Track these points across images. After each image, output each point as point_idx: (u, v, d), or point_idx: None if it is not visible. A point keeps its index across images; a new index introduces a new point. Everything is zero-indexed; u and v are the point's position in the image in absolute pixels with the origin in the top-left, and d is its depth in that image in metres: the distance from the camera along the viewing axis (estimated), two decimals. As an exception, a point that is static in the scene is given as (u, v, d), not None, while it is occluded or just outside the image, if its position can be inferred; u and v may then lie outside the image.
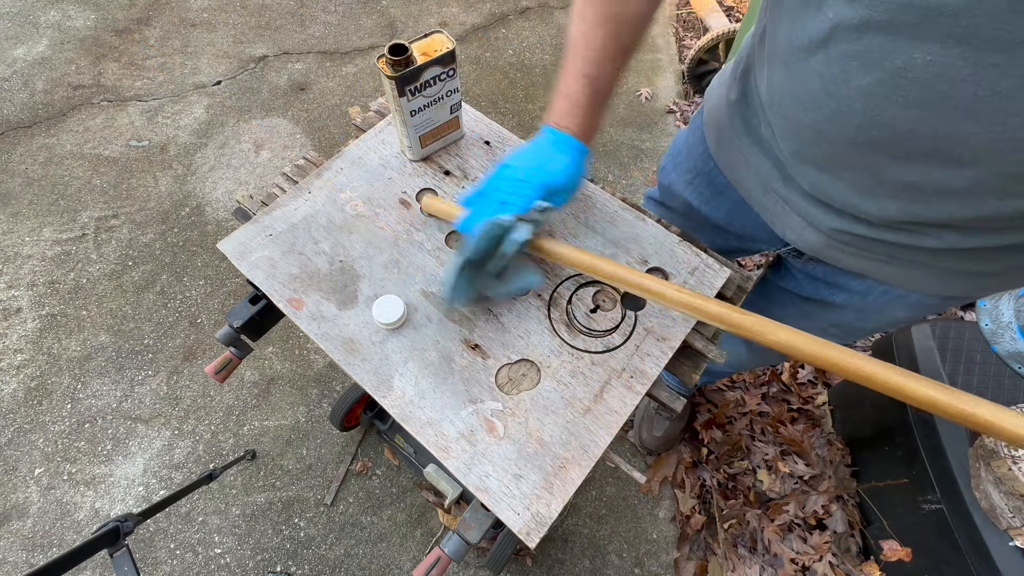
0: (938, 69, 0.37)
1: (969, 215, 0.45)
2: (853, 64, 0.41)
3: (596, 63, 0.58)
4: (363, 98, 2.06)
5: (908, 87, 0.39)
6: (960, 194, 0.43)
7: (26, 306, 1.57)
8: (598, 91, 0.59)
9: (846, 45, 0.41)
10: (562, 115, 0.60)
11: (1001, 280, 0.56)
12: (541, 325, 0.70)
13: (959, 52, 0.35)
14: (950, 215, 0.46)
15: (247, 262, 0.73)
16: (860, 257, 0.61)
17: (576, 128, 0.60)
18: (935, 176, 0.43)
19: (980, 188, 0.42)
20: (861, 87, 0.42)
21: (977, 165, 0.40)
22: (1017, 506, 0.86)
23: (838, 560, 1.22)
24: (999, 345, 0.76)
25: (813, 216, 0.59)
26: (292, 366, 1.50)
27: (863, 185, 0.49)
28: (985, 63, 0.35)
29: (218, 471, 1.15)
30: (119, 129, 1.93)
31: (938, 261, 0.55)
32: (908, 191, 0.46)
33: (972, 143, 0.39)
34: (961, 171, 0.41)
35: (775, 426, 1.42)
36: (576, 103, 0.59)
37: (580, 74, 0.58)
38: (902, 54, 0.38)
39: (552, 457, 0.61)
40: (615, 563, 1.29)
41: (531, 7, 2.37)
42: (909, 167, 0.44)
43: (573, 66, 0.59)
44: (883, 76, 0.40)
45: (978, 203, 0.43)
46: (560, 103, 0.60)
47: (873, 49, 0.39)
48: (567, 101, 0.60)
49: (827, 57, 0.43)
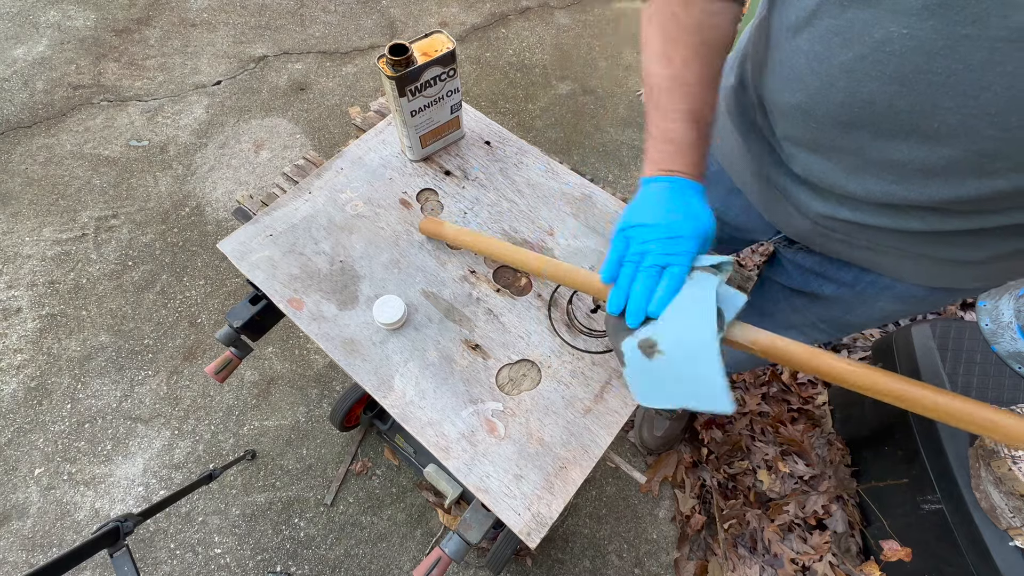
0: (914, 42, 0.37)
1: (949, 196, 0.45)
2: (836, 40, 0.42)
3: (695, 96, 0.53)
4: (363, 98, 2.06)
5: (886, 61, 0.40)
6: (939, 173, 0.43)
7: (26, 306, 1.57)
8: (701, 122, 0.54)
9: (830, 20, 0.42)
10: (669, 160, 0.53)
11: (985, 270, 0.56)
12: (541, 325, 0.70)
13: (932, 24, 0.36)
14: (930, 196, 0.46)
15: (247, 262, 0.73)
16: (846, 244, 0.62)
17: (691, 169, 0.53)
18: (915, 154, 0.43)
19: (958, 166, 0.42)
20: (843, 63, 0.42)
21: (954, 142, 0.40)
22: (1017, 506, 0.86)
23: (838, 560, 1.22)
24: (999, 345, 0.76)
25: (801, 202, 0.60)
26: (292, 366, 1.50)
27: (849, 165, 0.50)
28: (957, 35, 0.35)
29: (218, 471, 1.15)
30: (119, 129, 1.93)
31: (922, 247, 0.55)
32: (891, 170, 0.46)
33: (948, 119, 0.39)
34: (939, 149, 0.42)
35: (775, 426, 1.42)
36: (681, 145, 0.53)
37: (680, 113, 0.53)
38: (881, 28, 0.38)
39: (553, 457, 0.61)
40: (615, 563, 1.29)
41: (531, 7, 2.37)
42: (891, 145, 0.44)
43: (668, 108, 0.53)
44: (863, 51, 0.41)
45: (957, 183, 0.43)
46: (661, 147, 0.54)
47: (855, 23, 0.40)
48: (671, 145, 0.53)
49: (812, 34, 0.44)
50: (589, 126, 2.02)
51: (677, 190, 0.52)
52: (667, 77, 0.53)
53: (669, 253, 0.48)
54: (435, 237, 0.74)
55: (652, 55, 0.55)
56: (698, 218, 0.50)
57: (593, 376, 0.66)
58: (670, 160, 0.53)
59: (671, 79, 0.53)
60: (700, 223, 0.50)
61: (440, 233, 0.73)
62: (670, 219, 0.49)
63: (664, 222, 0.49)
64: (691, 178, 0.52)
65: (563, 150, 1.95)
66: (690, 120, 0.52)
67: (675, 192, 0.51)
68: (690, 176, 0.52)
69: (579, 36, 2.27)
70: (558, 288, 0.72)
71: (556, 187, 0.81)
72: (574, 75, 2.15)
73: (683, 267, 0.48)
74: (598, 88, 2.11)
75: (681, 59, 0.53)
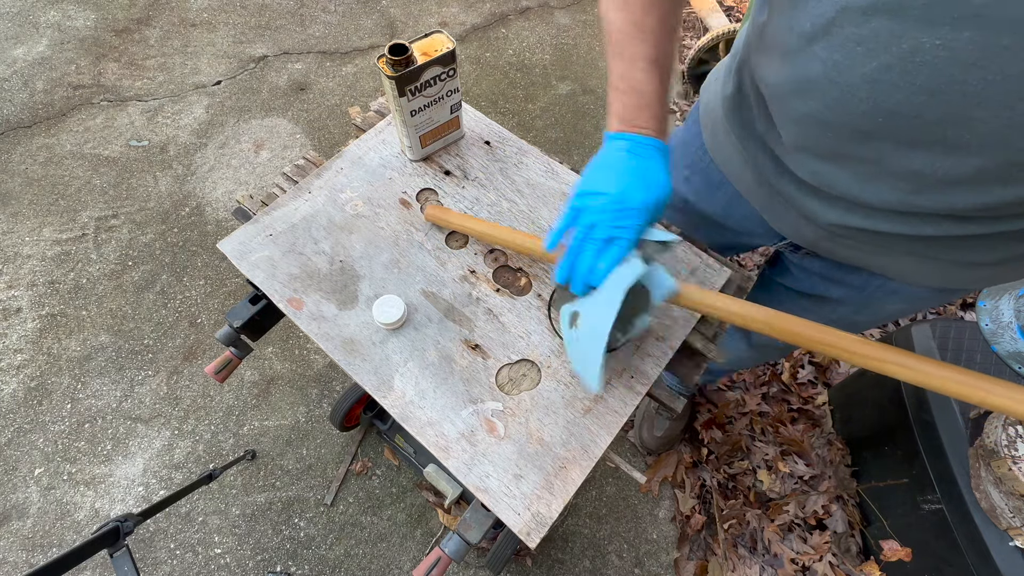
0: (948, 53, 0.36)
1: (971, 204, 0.44)
2: (858, 50, 0.40)
3: (657, 44, 0.52)
4: (363, 98, 2.06)
5: (916, 72, 0.38)
6: (964, 182, 0.43)
7: (26, 306, 1.57)
8: (664, 71, 0.53)
9: (851, 29, 0.40)
10: (633, 113, 0.52)
11: (995, 271, 0.56)
12: (541, 325, 0.70)
13: (969, 35, 0.35)
14: (951, 204, 0.45)
15: (247, 262, 0.73)
16: (856, 249, 0.61)
17: (654, 124, 0.52)
18: (939, 164, 0.42)
19: (985, 176, 0.41)
20: (866, 73, 0.41)
21: (984, 152, 0.40)
22: (1017, 506, 0.85)
23: (838, 560, 1.22)
24: (999, 345, 0.76)
25: (809, 209, 0.59)
26: (292, 366, 1.50)
27: (864, 174, 0.49)
28: (996, 46, 0.34)
29: (218, 471, 1.15)
30: (119, 129, 1.93)
31: (934, 251, 0.55)
32: (910, 180, 0.46)
33: (980, 129, 0.38)
34: (967, 159, 0.41)
35: (775, 426, 1.42)
36: (645, 95, 0.52)
37: (643, 60, 0.51)
38: (910, 38, 0.37)
39: (552, 457, 0.61)
40: (615, 563, 1.29)
41: (531, 7, 2.36)
42: (914, 155, 0.43)
43: (631, 54, 0.52)
44: (890, 61, 0.39)
45: (982, 191, 0.43)
46: (625, 100, 0.53)
47: (880, 33, 0.39)
48: (634, 96, 0.52)
49: (830, 43, 0.42)
50: (589, 126, 2.02)
51: (638, 151, 0.52)
52: (628, 23, 0.53)
53: (617, 226, 0.49)
54: (440, 224, 0.75)
55: (612, 6, 0.55)
56: (651, 186, 0.50)
57: (593, 376, 0.66)
58: (634, 113, 0.53)
59: (633, 24, 0.53)
60: (653, 191, 0.50)
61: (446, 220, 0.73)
62: (622, 187, 0.50)
63: (616, 191, 0.50)
64: (654, 134, 0.52)
65: (563, 150, 1.95)
66: (654, 68, 0.52)
67: (635, 154, 0.52)
68: (653, 132, 0.52)
69: (579, 36, 2.27)
70: (558, 288, 0.73)
71: (556, 187, 0.81)
72: (574, 75, 2.15)
73: (628, 240, 0.49)
74: (598, 88, 2.11)
75: (640, 6, 0.53)
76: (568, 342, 0.55)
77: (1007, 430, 0.87)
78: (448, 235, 0.77)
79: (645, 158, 0.51)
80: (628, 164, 0.51)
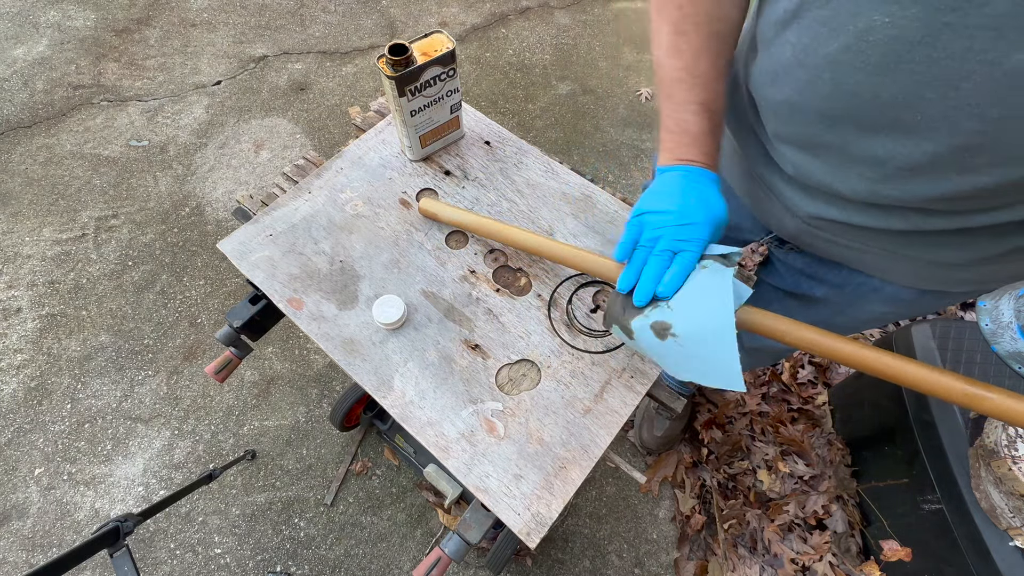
0: (895, 31, 0.37)
1: (930, 194, 0.44)
2: (823, 31, 0.42)
3: (707, 87, 0.54)
4: (363, 98, 2.06)
5: (869, 51, 0.39)
6: (921, 170, 0.43)
7: (26, 306, 1.57)
8: (714, 113, 0.55)
9: (816, 10, 0.42)
10: (684, 150, 0.55)
11: (971, 273, 0.56)
12: (541, 325, 0.70)
13: (914, 12, 0.35)
14: (913, 194, 0.45)
15: (247, 262, 0.73)
16: (833, 243, 0.61)
17: (704, 158, 0.54)
18: (898, 150, 0.43)
19: (939, 162, 0.41)
20: (828, 54, 0.42)
21: (935, 136, 0.40)
22: (1017, 506, 0.85)
23: (838, 560, 1.22)
24: (999, 345, 0.76)
25: (790, 200, 0.60)
26: (292, 366, 1.50)
27: (834, 162, 0.50)
28: (938, 23, 0.35)
29: (218, 471, 1.15)
30: (119, 129, 1.93)
31: (906, 248, 0.55)
32: (874, 167, 0.46)
33: (929, 111, 0.39)
34: (921, 144, 0.41)
35: (775, 426, 1.42)
36: (696, 135, 0.54)
37: (694, 103, 0.54)
38: (864, 16, 0.38)
39: (552, 457, 0.61)
40: (615, 563, 1.29)
41: (531, 7, 2.36)
42: (875, 140, 0.44)
43: (682, 99, 0.54)
44: (848, 41, 0.40)
45: (939, 180, 0.43)
46: (676, 138, 0.55)
47: (840, 12, 0.40)
48: (685, 136, 0.55)
49: (799, 26, 0.44)
50: (589, 126, 2.02)
51: (691, 178, 0.53)
52: (679, 68, 0.54)
53: (681, 239, 0.51)
54: (433, 218, 0.75)
55: (663, 47, 0.56)
56: (711, 205, 0.52)
57: (593, 376, 0.66)
58: (685, 149, 0.55)
59: (683, 70, 0.54)
60: (712, 210, 0.52)
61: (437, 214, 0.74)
62: (683, 206, 0.51)
63: (677, 209, 0.51)
64: (705, 167, 0.54)
65: (563, 150, 1.95)
66: (703, 111, 0.54)
67: (689, 180, 0.53)
68: (704, 164, 0.54)
69: (579, 36, 2.27)
70: (558, 288, 0.72)
71: (556, 187, 0.81)
72: (574, 75, 2.15)
73: (694, 253, 0.50)
74: (598, 88, 2.11)
75: (692, 51, 0.54)
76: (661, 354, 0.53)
77: (1007, 430, 0.87)
78: (448, 235, 0.77)
79: (700, 184, 0.53)
80: (685, 186, 0.53)
